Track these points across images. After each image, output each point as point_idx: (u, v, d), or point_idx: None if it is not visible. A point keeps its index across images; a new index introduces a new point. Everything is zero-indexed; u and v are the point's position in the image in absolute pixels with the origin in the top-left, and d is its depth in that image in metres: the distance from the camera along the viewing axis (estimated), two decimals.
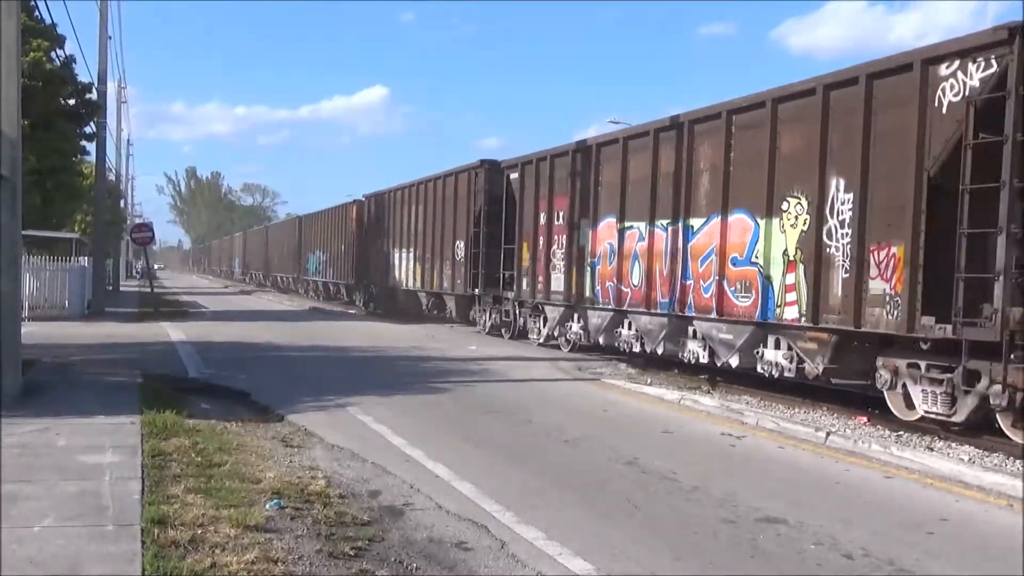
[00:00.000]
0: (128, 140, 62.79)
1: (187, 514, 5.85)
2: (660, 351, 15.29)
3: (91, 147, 28.36)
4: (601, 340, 17.25)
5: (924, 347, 10.22)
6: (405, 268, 28.29)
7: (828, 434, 9.77)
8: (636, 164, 15.66)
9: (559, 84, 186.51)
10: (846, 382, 11.91)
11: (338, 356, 17.76)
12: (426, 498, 6.95)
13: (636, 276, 15.63)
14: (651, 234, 15.08)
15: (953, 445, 9.43)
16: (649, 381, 14.17)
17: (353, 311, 34.22)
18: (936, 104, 9.91)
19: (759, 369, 12.86)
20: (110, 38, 30.27)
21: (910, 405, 10.49)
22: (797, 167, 11.94)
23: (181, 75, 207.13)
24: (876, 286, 10.56)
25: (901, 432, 9.97)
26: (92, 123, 26.76)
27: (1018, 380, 9.03)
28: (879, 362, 10.85)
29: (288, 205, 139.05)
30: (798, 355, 12.09)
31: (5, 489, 6.27)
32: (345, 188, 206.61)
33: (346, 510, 6.37)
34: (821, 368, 11.62)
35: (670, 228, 14.58)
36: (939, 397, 10.04)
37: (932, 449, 9.12)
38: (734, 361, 13.34)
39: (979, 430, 9.80)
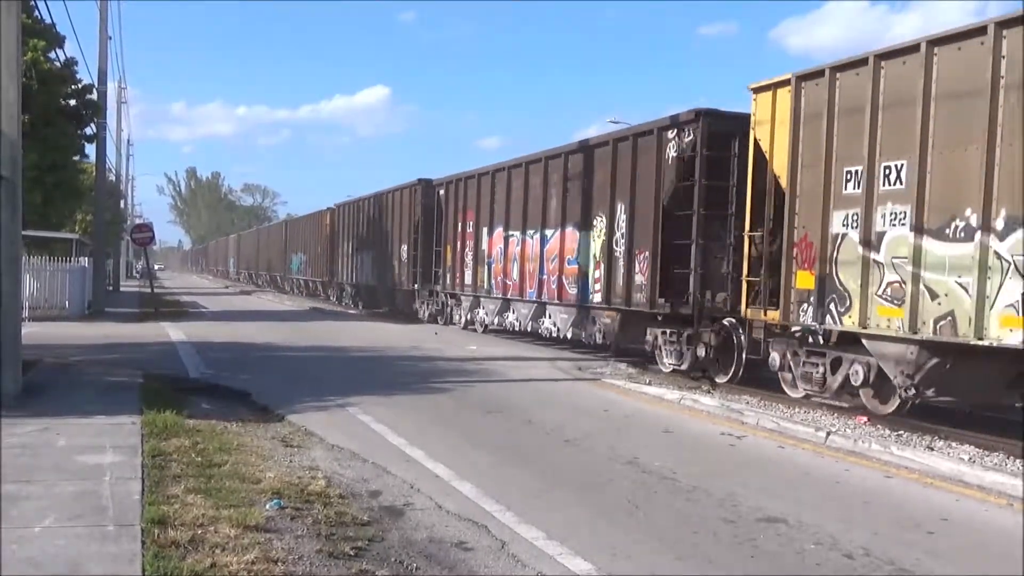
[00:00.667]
0: (128, 140, 62.82)
1: (187, 514, 5.84)
2: (528, 329, 20.28)
3: (91, 148, 28.39)
4: (496, 322, 21.98)
5: (660, 319, 15.20)
6: (365, 267, 33.14)
7: (828, 434, 9.77)
8: (515, 187, 20.40)
9: (560, 84, 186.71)
10: (629, 345, 16.90)
11: (338, 356, 17.76)
12: (426, 498, 6.95)
13: (515, 273, 20.52)
14: (523, 241, 20.09)
15: (953, 444, 9.43)
16: (649, 381, 14.17)
17: (352, 311, 34.26)
18: (666, 157, 14.83)
19: (582, 338, 17.94)
20: (110, 38, 30.35)
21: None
22: (601, 195, 16.79)
23: (181, 75, 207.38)
24: (638, 278, 15.55)
25: (901, 432, 9.98)
26: (92, 123, 26.74)
27: (709, 339, 13.85)
28: (648, 331, 15.62)
29: (288, 205, 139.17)
30: (602, 327, 16.91)
31: (5, 489, 6.27)
32: (346, 188, 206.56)
33: (346, 510, 6.37)
34: (613, 336, 16.68)
35: (535, 236, 19.49)
36: (674, 353, 15.02)
37: (932, 448, 9.12)
38: (569, 333, 18.38)
39: (700, 374, 14.29)
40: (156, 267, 75.43)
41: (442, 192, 25.12)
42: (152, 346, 18.26)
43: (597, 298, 16.78)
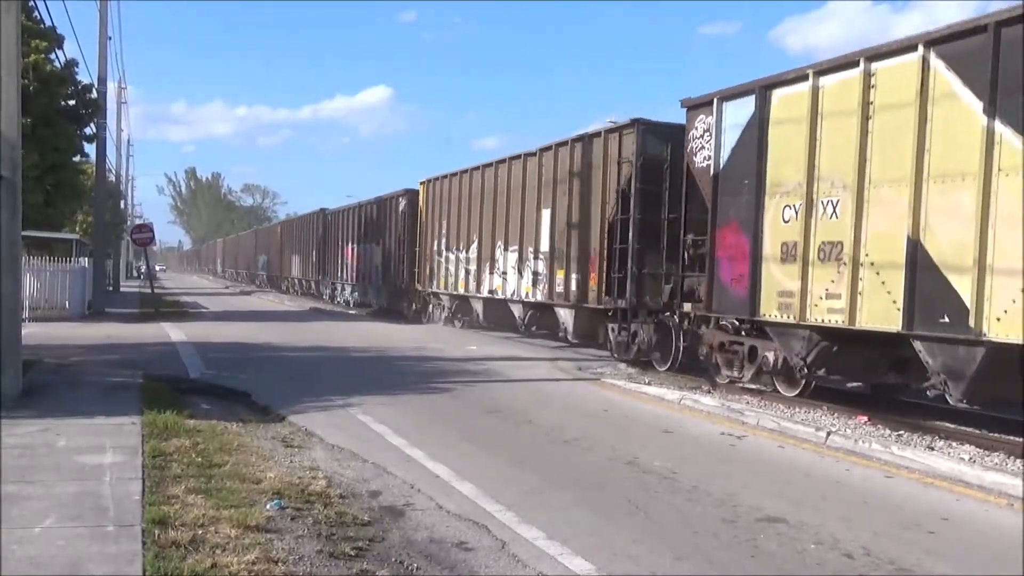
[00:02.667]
0: (128, 141, 62.82)
1: (188, 514, 5.85)
2: (352, 300, 36.50)
3: (91, 148, 28.38)
4: (350, 299, 37.02)
5: (399, 292, 30.24)
6: (296, 266, 48.60)
7: (829, 433, 9.77)
8: (353, 220, 35.77)
9: (560, 83, 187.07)
10: (391, 306, 31.16)
11: (338, 356, 17.76)
12: (427, 498, 6.95)
13: (351, 267, 35.92)
14: (355, 250, 35.17)
15: (954, 444, 9.44)
16: (648, 381, 14.18)
17: (353, 312, 34.38)
18: (398, 211, 29.85)
19: (367, 303, 33.63)
20: (110, 39, 30.30)
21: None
22: (381, 229, 31.78)
23: (182, 75, 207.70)
24: (393, 271, 30.24)
25: (902, 432, 10.00)
26: (92, 124, 26.74)
27: (415, 302, 28.84)
28: (404, 299, 29.44)
29: (288, 206, 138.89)
30: (384, 296, 31.43)
31: (5, 490, 6.27)
32: (346, 188, 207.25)
33: (347, 510, 6.37)
34: (386, 303, 31.67)
35: (358, 248, 34.72)
36: (409, 308, 29.26)
37: (933, 448, 9.13)
38: (361, 301, 34.91)
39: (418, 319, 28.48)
40: (158, 268, 75.47)
41: (330, 218, 40.56)
42: (152, 346, 18.25)
43: (380, 282, 31.88)
